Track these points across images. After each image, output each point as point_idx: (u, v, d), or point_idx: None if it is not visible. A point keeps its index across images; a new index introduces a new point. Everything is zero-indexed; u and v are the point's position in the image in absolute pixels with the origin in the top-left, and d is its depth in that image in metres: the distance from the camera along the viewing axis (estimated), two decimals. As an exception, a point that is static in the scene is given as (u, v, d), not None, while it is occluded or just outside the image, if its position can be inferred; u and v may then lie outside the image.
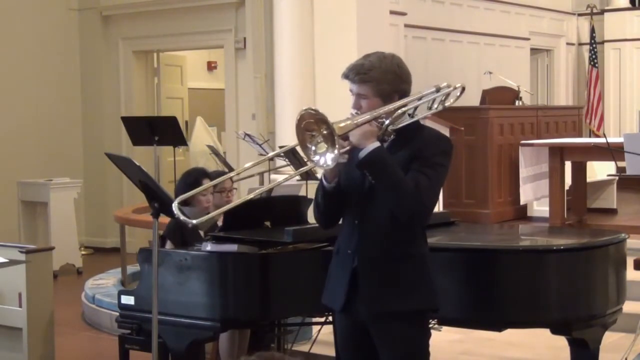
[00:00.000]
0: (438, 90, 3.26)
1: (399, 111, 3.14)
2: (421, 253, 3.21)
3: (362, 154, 3.03)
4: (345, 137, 2.99)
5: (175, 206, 3.18)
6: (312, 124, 2.94)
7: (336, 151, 2.90)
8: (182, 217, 3.16)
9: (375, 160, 3.02)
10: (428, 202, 3.11)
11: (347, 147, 3.02)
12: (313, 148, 2.94)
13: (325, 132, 2.92)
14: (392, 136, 3.16)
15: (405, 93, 3.19)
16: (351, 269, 3.19)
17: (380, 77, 3.13)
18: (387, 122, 3.13)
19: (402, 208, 3.06)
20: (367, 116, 3.07)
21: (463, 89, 3.30)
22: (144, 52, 10.86)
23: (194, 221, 3.22)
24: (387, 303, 3.14)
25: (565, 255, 4.10)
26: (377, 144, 3.04)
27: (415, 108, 3.20)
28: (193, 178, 5.02)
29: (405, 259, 3.16)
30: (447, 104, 3.29)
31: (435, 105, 3.27)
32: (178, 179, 5.29)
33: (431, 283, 3.21)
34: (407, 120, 3.17)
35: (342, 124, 2.98)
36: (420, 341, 3.21)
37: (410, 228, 3.16)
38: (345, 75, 3.19)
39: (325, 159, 2.92)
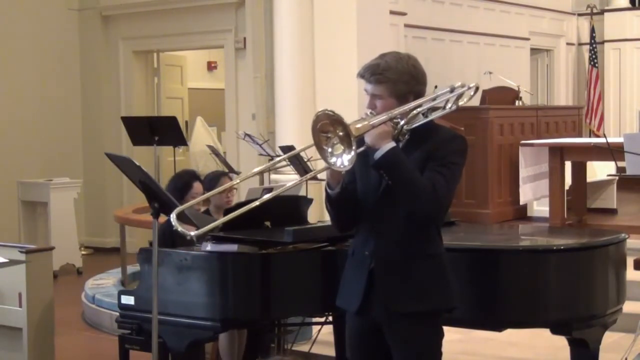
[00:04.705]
0: (452, 90, 3.25)
1: (414, 112, 3.13)
2: (438, 253, 3.20)
3: (378, 154, 3.01)
4: (360, 138, 2.97)
5: (173, 218, 3.14)
6: (327, 125, 2.90)
7: (353, 152, 2.87)
8: (180, 230, 3.13)
9: (391, 160, 3.01)
10: (445, 201, 3.11)
11: (363, 148, 3.01)
12: (329, 150, 2.92)
13: (341, 133, 2.89)
14: (406, 136, 3.16)
15: (420, 94, 3.17)
16: (368, 270, 3.18)
17: (396, 78, 3.12)
18: (402, 122, 3.12)
19: (419, 208, 3.06)
20: (383, 117, 3.05)
21: (477, 88, 3.29)
22: (144, 52, 10.86)
23: (192, 233, 3.18)
24: (405, 303, 3.13)
25: (565, 255, 4.10)
26: (392, 144, 3.03)
27: (430, 108, 3.19)
28: (183, 181, 5.02)
29: (422, 259, 3.16)
30: (460, 103, 3.28)
31: (449, 105, 3.26)
32: (167, 182, 5.27)
33: (448, 283, 3.20)
34: (421, 120, 3.17)
35: (359, 125, 2.96)
36: (434, 341, 3.22)
37: (426, 228, 3.16)
38: (361, 75, 3.17)
39: (342, 160, 2.90)
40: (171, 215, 3.15)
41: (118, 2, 10.68)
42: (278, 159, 4.42)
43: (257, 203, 3.22)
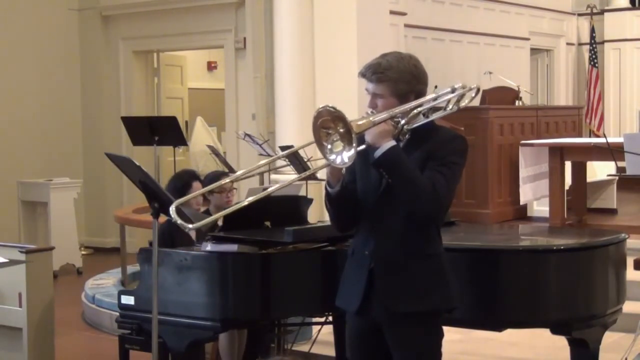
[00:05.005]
0: (453, 90, 3.25)
1: (415, 111, 3.13)
2: (438, 253, 3.20)
3: (378, 152, 3.02)
4: (361, 136, 2.97)
5: (172, 210, 3.14)
6: (328, 122, 2.91)
7: (353, 150, 2.87)
8: (179, 221, 3.13)
9: (392, 158, 3.01)
10: (445, 201, 3.11)
11: (363, 146, 3.01)
12: (329, 146, 2.91)
13: (342, 130, 2.89)
14: (407, 136, 3.16)
15: (421, 93, 3.18)
16: (368, 270, 3.18)
17: (398, 77, 3.12)
18: (402, 121, 3.12)
19: (419, 207, 3.06)
20: (384, 115, 3.05)
21: (478, 89, 3.30)
22: (144, 52, 10.86)
23: (191, 226, 3.19)
24: (405, 303, 3.13)
25: (565, 255, 4.10)
26: (393, 142, 3.03)
27: (431, 109, 3.19)
28: (183, 182, 5.02)
29: (422, 259, 3.16)
30: (461, 104, 3.27)
31: (450, 106, 3.27)
32: (167, 182, 5.28)
33: (448, 283, 3.20)
34: (422, 121, 3.17)
35: (360, 122, 2.96)
36: (434, 342, 3.21)
37: (426, 228, 3.16)
38: (362, 74, 3.17)
39: (342, 157, 2.89)
40: (171, 207, 3.16)
41: (118, 2, 10.68)
42: (273, 157, 4.41)
43: (245, 203, 3.23)
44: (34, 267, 4.96)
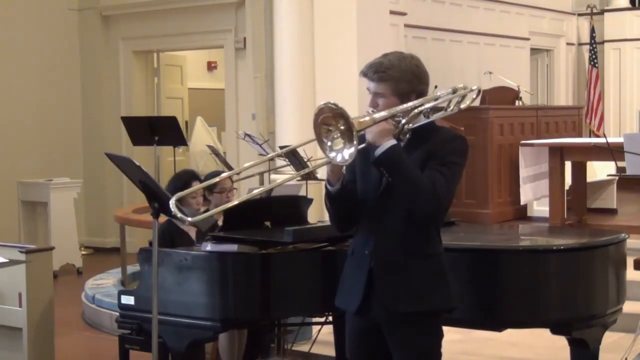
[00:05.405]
0: (454, 91, 3.25)
1: (415, 111, 3.13)
2: (437, 253, 3.20)
3: (379, 151, 3.02)
4: (361, 134, 2.97)
5: (172, 204, 3.15)
6: (329, 118, 2.91)
7: (353, 147, 2.87)
8: (179, 215, 3.14)
9: (392, 157, 3.01)
10: (445, 200, 3.10)
11: (363, 145, 3.01)
12: (329, 143, 2.91)
13: (342, 127, 2.89)
14: (407, 136, 3.16)
15: (422, 93, 3.18)
16: (368, 270, 3.18)
17: (399, 77, 3.12)
18: (403, 121, 3.12)
19: (419, 206, 3.06)
20: (384, 113, 3.06)
21: (479, 91, 3.30)
22: (144, 52, 10.86)
23: (190, 219, 3.19)
24: (405, 304, 3.13)
25: (565, 255, 4.10)
26: (393, 141, 3.03)
27: (431, 109, 3.19)
28: (183, 182, 5.02)
29: (422, 259, 3.16)
30: (462, 105, 3.28)
31: (451, 107, 3.27)
32: (167, 182, 5.29)
33: (447, 283, 3.20)
34: (423, 121, 3.17)
35: (361, 119, 2.96)
36: (434, 342, 3.21)
37: (426, 228, 3.16)
38: (364, 73, 3.17)
39: (342, 155, 2.89)
40: (171, 201, 3.16)
41: (118, 2, 10.69)
42: (270, 155, 4.41)
43: (234, 203, 3.22)
44: (34, 267, 4.96)
